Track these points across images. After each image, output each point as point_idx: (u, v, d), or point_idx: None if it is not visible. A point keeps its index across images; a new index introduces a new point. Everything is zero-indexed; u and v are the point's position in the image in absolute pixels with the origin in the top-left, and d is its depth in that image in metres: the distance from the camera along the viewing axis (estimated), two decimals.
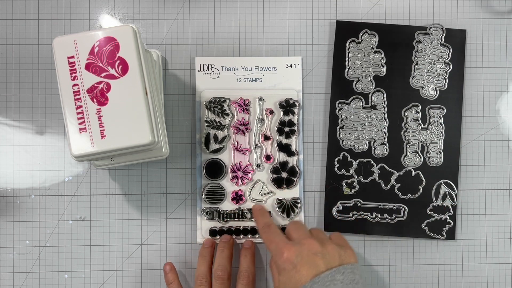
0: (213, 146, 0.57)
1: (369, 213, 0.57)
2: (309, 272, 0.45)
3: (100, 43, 0.45)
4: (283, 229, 0.56)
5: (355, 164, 0.57)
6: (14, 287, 0.56)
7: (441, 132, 0.57)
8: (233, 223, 0.57)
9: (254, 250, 0.56)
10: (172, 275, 0.55)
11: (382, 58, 0.58)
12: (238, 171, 0.57)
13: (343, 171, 0.57)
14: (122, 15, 0.58)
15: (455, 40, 0.58)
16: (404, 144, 0.57)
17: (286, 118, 0.57)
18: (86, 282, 0.57)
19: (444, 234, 0.57)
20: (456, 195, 0.57)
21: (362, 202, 0.57)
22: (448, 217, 0.57)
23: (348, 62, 0.58)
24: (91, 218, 0.57)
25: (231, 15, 0.58)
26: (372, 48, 0.58)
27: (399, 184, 0.57)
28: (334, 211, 0.57)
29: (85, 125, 0.44)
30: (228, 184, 0.57)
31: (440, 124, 0.57)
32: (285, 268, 0.46)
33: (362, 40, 0.58)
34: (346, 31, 0.58)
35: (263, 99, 0.57)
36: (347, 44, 0.58)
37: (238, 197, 0.57)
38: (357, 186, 0.57)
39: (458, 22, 0.59)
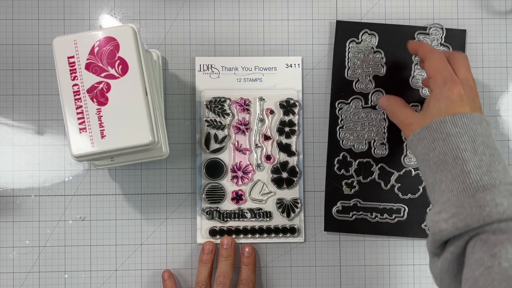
0: (213, 145, 0.57)
1: (369, 213, 0.57)
2: (469, 109, 0.45)
3: (100, 43, 0.45)
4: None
5: (354, 164, 0.57)
6: (14, 287, 0.56)
7: None
8: (233, 223, 0.57)
9: (255, 258, 0.56)
10: (170, 282, 0.55)
11: (382, 58, 0.58)
12: (238, 171, 0.57)
13: (342, 171, 0.57)
14: (122, 15, 0.58)
15: (455, 40, 0.58)
16: (404, 144, 0.57)
17: (287, 118, 0.57)
18: (86, 282, 0.57)
19: None
20: None
21: (362, 202, 0.57)
22: None
23: (348, 62, 0.58)
24: (91, 218, 0.57)
25: (231, 15, 0.58)
26: (372, 48, 0.58)
27: (399, 184, 0.57)
28: (334, 211, 0.57)
29: (85, 125, 0.44)
30: (228, 184, 0.57)
31: None
32: (452, 99, 0.46)
33: (362, 40, 0.58)
34: (346, 31, 0.58)
35: (264, 99, 0.57)
36: (347, 44, 0.58)
37: (238, 197, 0.57)
38: (357, 186, 0.57)
39: (458, 22, 0.59)
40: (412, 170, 0.57)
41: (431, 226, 0.42)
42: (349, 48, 0.58)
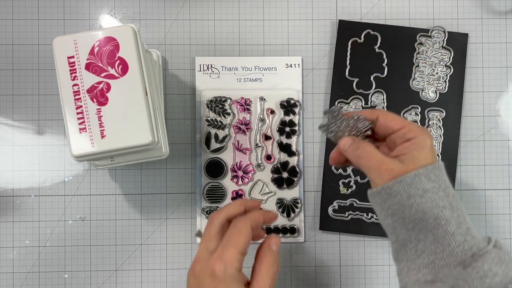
0: (214, 145, 0.57)
1: (365, 214, 0.57)
2: (435, 159, 0.41)
3: (100, 43, 0.45)
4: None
5: None
6: (14, 287, 0.56)
7: (440, 135, 0.57)
8: None
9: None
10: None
11: (383, 59, 0.57)
12: (239, 170, 0.57)
13: (340, 170, 0.57)
14: (122, 15, 0.58)
15: (457, 43, 0.58)
16: None
17: (287, 118, 0.57)
18: (86, 282, 0.57)
19: None
20: None
21: (358, 202, 0.57)
22: None
23: (349, 61, 0.58)
24: (91, 218, 0.57)
25: (231, 15, 0.58)
26: (374, 48, 0.57)
27: None
28: (330, 210, 0.57)
29: (85, 125, 0.44)
30: (228, 184, 0.57)
31: (439, 127, 0.57)
32: (430, 148, 0.40)
33: (364, 40, 0.58)
34: (348, 31, 0.58)
35: (264, 99, 0.57)
36: (349, 43, 0.58)
37: (238, 197, 0.57)
38: (354, 186, 0.57)
39: (458, 22, 0.59)
40: None
41: (409, 285, 0.39)
42: (350, 47, 0.58)
